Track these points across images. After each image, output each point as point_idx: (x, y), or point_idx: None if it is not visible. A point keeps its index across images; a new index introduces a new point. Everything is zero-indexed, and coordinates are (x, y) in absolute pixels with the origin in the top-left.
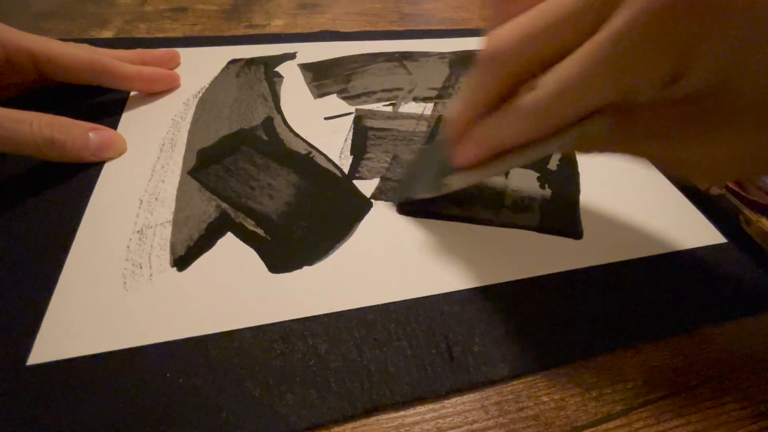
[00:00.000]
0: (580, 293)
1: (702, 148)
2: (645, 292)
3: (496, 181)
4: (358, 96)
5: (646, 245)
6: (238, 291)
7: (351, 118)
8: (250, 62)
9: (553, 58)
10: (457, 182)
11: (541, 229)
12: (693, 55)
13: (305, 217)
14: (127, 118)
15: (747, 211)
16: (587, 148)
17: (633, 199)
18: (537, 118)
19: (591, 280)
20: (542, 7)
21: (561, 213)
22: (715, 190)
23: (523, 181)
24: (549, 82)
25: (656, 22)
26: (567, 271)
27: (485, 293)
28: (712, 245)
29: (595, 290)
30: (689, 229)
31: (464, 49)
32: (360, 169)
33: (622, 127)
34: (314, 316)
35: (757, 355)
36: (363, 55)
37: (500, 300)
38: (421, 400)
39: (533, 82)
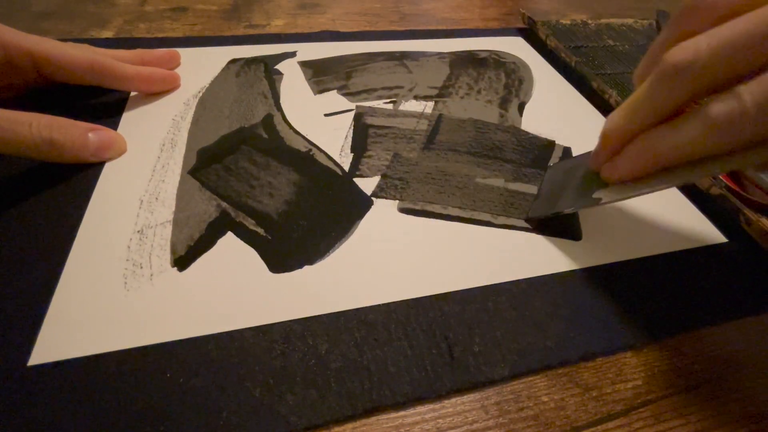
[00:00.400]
0: (580, 293)
1: None
2: (645, 292)
3: (496, 182)
4: (358, 93)
5: (646, 245)
6: (238, 291)
7: (351, 115)
8: (250, 61)
9: (753, 69)
10: (610, 196)
11: (540, 230)
12: None
13: (305, 216)
14: (127, 118)
15: (747, 211)
16: None
17: (633, 200)
18: (734, 130)
19: (591, 280)
20: (750, 18)
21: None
22: (715, 190)
23: (523, 181)
24: (756, 91)
25: None
26: (567, 271)
27: (485, 293)
28: (712, 245)
29: (595, 290)
30: (689, 229)
31: (464, 49)
32: (360, 166)
33: None
34: (314, 316)
35: (757, 355)
36: (363, 53)
37: (500, 300)
38: (421, 400)
39: (734, 90)
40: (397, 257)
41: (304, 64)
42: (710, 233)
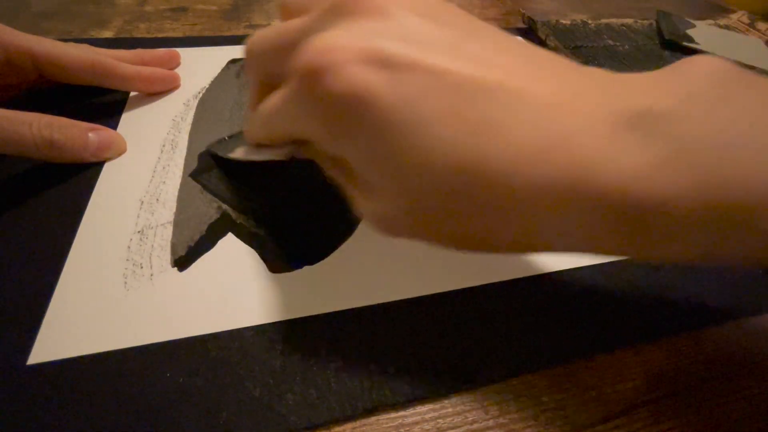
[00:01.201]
0: (580, 293)
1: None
2: (645, 292)
3: None
4: None
5: None
6: (238, 291)
7: None
8: None
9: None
10: (242, 152)
11: None
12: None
13: (306, 217)
14: (127, 118)
15: None
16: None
17: None
18: (263, 126)
19: (591, 279)
20: (281, 26)
21: None
22: None
23: None
24: (267, 103)
25: (300, 104)
26: (567, 271)
27: (485, 293)
28: None
29: (595, 290)
30: None
31: None
32: None
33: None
34: (314, 316)
35: (757, 355)
36: None
37: (500, 300)
38: (421, 400)
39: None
40: (397, 257)
41: None
42: None
